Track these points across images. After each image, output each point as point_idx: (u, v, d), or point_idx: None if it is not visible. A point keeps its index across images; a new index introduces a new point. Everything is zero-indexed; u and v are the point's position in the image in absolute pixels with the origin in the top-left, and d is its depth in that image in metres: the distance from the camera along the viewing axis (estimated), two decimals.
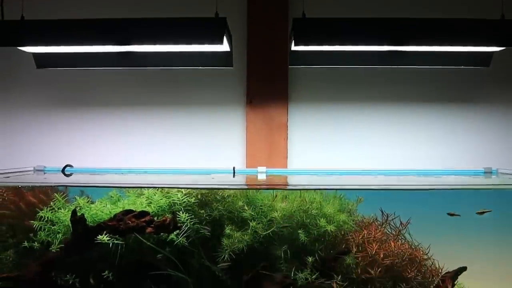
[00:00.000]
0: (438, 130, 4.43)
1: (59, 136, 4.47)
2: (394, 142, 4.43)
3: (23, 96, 4.49)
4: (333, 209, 3.15)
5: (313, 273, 3.00)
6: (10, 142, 4.47)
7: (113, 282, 2.99)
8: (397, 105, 4.42)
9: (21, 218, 3.25)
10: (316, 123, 4.38)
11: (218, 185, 3.39)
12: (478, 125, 4.45)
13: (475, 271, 3.37)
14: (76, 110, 4.46)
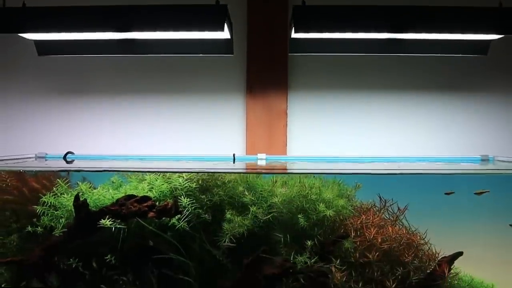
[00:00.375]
0: (436, 118, 4.46)
1: (60, 123, 4.49)
2: (392, 130, 4.46)
3: (25, 83, 4.50)
4: (332, 194, 3.20)
5: (312, 257, 3.06)
6: (12, 129, 4.49)
7: (116, 266, 3.04)
8: (395, 93, 4.45)
9: (24, 204, 3.29)
10: (315, 110, 4.41)
11: (219, 170, 3.42)
12: (476, 114, 4.48)
13: (471, 257, 3.43)
14: (77, 98, 4.48)
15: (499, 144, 4.48)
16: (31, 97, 4.48)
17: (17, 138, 4.50)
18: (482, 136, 4.49)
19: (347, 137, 4.43)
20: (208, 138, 4.42)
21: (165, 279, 3.08)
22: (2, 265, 3.22)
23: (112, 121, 4.48)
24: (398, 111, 4.45)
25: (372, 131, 4.44)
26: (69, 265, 3.07)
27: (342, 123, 4.44)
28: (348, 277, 3.02)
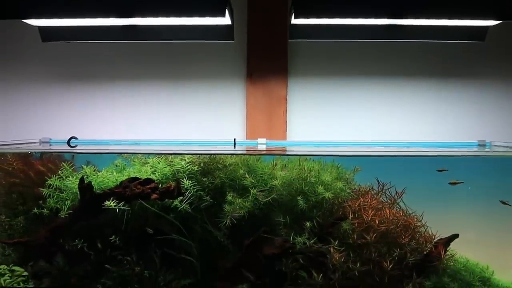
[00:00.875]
0: (434, 104, 4.50)
1: (64, 109, 4.54)
2: (391, 116, 4.50)
3: (29, 69, 4.54)
4: (331, 177, 3.26)
5: (311, 238, 3.13)
6: (16, 115, 4.54)
7: (120, 246, 3.12)
8: (394, 79, 4.48)
9: (30, 186, 3.36)
10: (315, 96, 4.45)
11: (221, 151, 3.48)
12: (474, 100, 4.51)
13: (467, 240, 3.50)
14: (80, 84, 4.52)
15: (497, 130, 4.52)
16: (35, 83, 4.52)
17: (21, 124, 4.54)
18: (480, 122, 4.53)
19: (346, 123, 4.47)
20: (209, 123, 4.47)
21: (168, 258, 3.16)
22: (10, 246, 3.30)
23: (113, 107, 4.52)
24: (396, 97, 4.48)
25: (371, 117, 4.48)
26: (74, 246, 3.15)
27: (341, 109, 4.48)
28: (346, 258, 3.08)
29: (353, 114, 4.49)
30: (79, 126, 4.52)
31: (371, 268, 3.11)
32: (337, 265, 3.06)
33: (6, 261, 3.24)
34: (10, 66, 4.55)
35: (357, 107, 4.49)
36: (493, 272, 3.54)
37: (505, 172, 3.68)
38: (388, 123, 4.50)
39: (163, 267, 3.14)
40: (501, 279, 3.56)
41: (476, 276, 3.46)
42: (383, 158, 3.73)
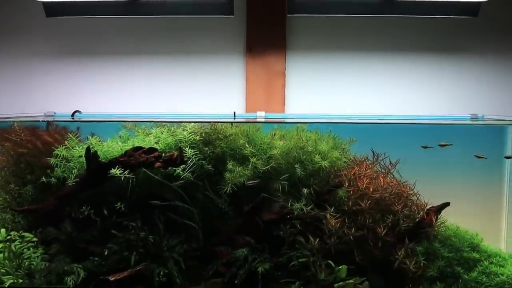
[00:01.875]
0: (428, 79, 4.58)
1: (67, 83, 4.62)
2: (387, 90, 4.58)
3: (34, 44, 4.61)
4: (327, 147, 3.36)
5: (308, 204, 3.25)
6: (21, 90, 4.62)
7: (125, 213, 3.24)
8: (390, 54, 4.56)
9: (38, 156, 3.46)
10: (313, 71, 4.53)
11: (221, 120, 3.56)
12: (467, 74, 4.60)
13: (458, 209, 3.61)
14: (83, 59, 4.59)
15: (489, 104, 4.62)
16: (40, 58, 4.59)
17: (26, 97, 4.62)
18: (473, 96, 4.62)
19: (343, 97, 4.56)
20: (209, 97, 4.55)
21: (171, 224, 3.29)
22: (19, 213, 3.41)
23: (116, 82, 4.60)
24: (392, 72, 4.56)
25: (366, 92, 4.57)
26: (81, 213, 3.26)
27: (338, 84, 4.56)
28: (341, 224, 3.21)
29: (350, 88, 4.57)
30: (82, 101, 4.60)
31: (365, 233, 3.24)
32: (333, 230, 3.20)
33: (16, 228, 3.36)
34: (15, 42, 4.61)
35: (354, 81, 4.57)
36: (482, 239, 3.67)
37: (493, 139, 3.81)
38: (383, 97, 4.59)
39: (166, 233, 3.26)
40: (489, 246, 3.69)
41: (466, 243, 3.58)
42: (378, 129, 3.84)
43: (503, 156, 3.95)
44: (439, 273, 3.43)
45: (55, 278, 3.03)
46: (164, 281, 3.16)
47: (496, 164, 3.98)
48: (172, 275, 3.16)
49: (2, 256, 3.09)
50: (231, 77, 4.51)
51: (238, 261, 3.12)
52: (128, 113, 4.37)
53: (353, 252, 3.26)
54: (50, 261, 3.15)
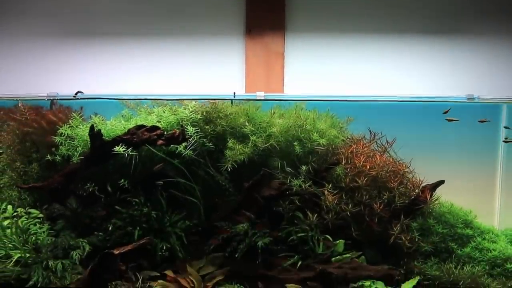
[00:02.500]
0: (426, 59, 4.61)
1: (68, 64, 4.64)
2: (385, 71, 4.62)
3: (33, 25, 4.62)
4: (326, 125, 3.43)
5: (307, 181, 3.33)
6: (22, 71, 4.65)
7: (129, 190, 3.32)
8: (389, 35, 4.57)
9: (43, 135, 3.52)
10: (311, 52, 4.57)
11: (223, 97, 3.62)
12: (463, 55, 4.64)
13: (452, 188, 3.70)
14: (83, 39, 4.59)
15: (485, 84, 4.65)
16: (40, 39, 4.61)
17: (29, 78, 4.65)
18: (469, 77, 4.66)
19: (341, 78, 4.59)
20: (209, 78, 4.58)
21: (173, 200, 3.37)
22: (25, 191, 3.49)
23: (116, 62, 4.61)
24: (390, 53, 4.59)
25: (365, 72, 4.61)
26: (86, 190, 3.34)
27: (337, 65, 4.59)
28: (339, 200, 3.30)
29: (348, 69, 4.60)
30: (84, 82, 4.63)
31: (362, 209, 3.33)
32: (330, 206, 3.28)
33: (22, 205, 3.43)
34: (16, 21, 4.63)
35: (352, 63, 4.60)
36: (475, 216, 3.76)
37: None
38: (381, 78, 4.61)
39: (169, 209, 3.35)
40: (482, 223, 3.78)
41: (460, 219, 3.68)
42: (375, 109, 3.91)
43: (500, 136, 4.03)
44: (433, 249, 3.53)
45: (61, 252, 3.11)
46: (167, 255, 3.26)
47: (490, 143, 4.05)
48: (174, 249, 3.25)
49: (10, 231, 3.17)
50: (231, 58, 4.55)
51: (239, 235, 3.22)
52: (128, 93, 4.41)
53: (350, 227, 3.35)
54: (56, 236, 3.24)
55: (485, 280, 3.42)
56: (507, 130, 3.93)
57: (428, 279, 3.41)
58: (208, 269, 3.22)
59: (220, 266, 3.24)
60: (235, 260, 3.20)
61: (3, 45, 4.64)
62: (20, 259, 3.06)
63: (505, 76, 4.56)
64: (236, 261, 3.20)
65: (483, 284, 3.39)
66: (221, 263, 3.25)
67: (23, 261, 3.06)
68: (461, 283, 3.37)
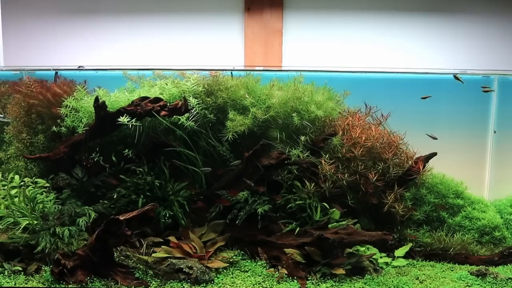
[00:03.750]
0: (422, 36, 4.64)
1: (71, 41, 4.66)
2: (381, 49, 4.67)
3: (37, 3, 4.64)
4: (323, 98, 3.50)
5: (305, 151, 3.41)
6: (27, 46, 4.67)
7: (133, 159, 3.39)
8: (386, 13, 4.60)
9: (48, 107, 3.58)
10: (309, 29, 4.61)
11: (223, 68, 3.68)
12: (456, 32, 4.67)
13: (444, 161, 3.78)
14: (86, 17, 4.61)
15: (479, 60, 4.70)
16: (44, 17, 4.63)
17: (32, 53, 4.67)
18: (463, 54, 4.69)
19: (339, 55, 4.64)
20: (209, 55, 4.62)
21: (176, 170, 3.45)
22: (32, 161, 3.55)
23: (118, 39, 4.62)
24: (387, 30, 4.62)
25: (362, 49, 4.65)
26: (91, 159, 3.41)
27: (335, 42, 4.64)
28: (335, 170, 3.38)
29: (346, 47, 4.64)
30: (86, 57, 4.65)
31: (357, 179, 3.41)
32: (327, 175, 3.36)
33: (29, 175, 3.50)
34: (23, 0, 4.64)
35: (350, 40, 4.64)
36: (466, 187, 3.86)
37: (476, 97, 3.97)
38: (378, 56, 4.65)
39: (172, 178, 3.42)
40: (473, 194, 3.88)
41: (451, 190, 3.78)
42: (370, 83, 3.98)
43: (490, 110, 4.11)
44: (425, 217, 3.65)
45: (68, 219, 3.18)
46: (170, 222, 3.34)
47: (481, 117, 4.13)
48: (177, 217, 3.33)
49: (17, 200, 3.24)
50: (230, 36, 4.58)
51: (239, 203, 3.30)
52: (130, 67, 4.42)
53: (346, 196, 3.45)
54: (62, 205, 3.30)
55: (474, 247, 3.55)
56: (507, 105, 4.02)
57: (420, 246, 3.53)
58: (210, 235, 3.31)
59: (221, 233, 3.33)
60: (235, 226, 3.30)
61: (10, 23, 4.65)
62: (28, 226, 3.13)
63: (496, 52, 4.62)
64: (236, 227, 3.30)
65: (472, 251, 3.50)
66: (222, 230, 3.34)
67: (31, 228, 3.13)
68: (451, 249, 3.49)
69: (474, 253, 3.50)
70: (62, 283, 2.88)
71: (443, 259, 3.48)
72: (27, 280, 2.97)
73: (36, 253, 3.05)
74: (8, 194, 3.25)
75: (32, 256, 3.09)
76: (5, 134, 3.70)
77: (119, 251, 3.14)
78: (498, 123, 4.08)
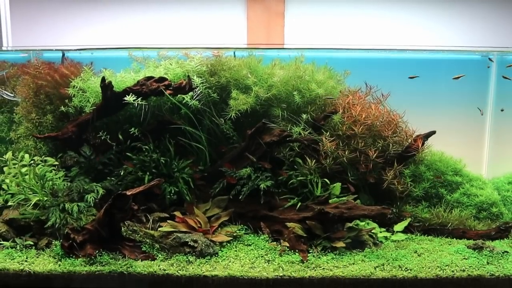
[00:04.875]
0: (421, 16, 4.65)
1: (74, 21, 4.69)
2: (384, 31, 4.69)
3: None
4: (324, 76, 3.54)
5: (306, 129, 3.45)
6: (32, 26, 4.70)
7: (139, 137, 3.45)
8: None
9: (56, 88, 3.64)
10: (311, 12, 4.64)
11: (227, 46, 3.71)
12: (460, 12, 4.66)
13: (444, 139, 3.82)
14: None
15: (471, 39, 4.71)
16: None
17: (37, 35, 4.70)
18: (463, 34, 4.70)
19: (341, 38, 4.66)
20: (212, 39, 4.66)
21: (180, 147, 3.50)
22: (41, 140, 3.62)
23: (122, 18, 4.66)
24: (389, 14, 4.64)
25: (364, 32, 4.67)
26: (98, 138, 3.47)
27: (337, 25, 4.66)
28: (336, 147, 3.43)
29: (348, 29, 4.67)
30: (92, 37, 4.69)
31: (357, 156, 3.46)
32: (328, 152, 3.41)
33: (38, 153, 3.56)
34: None
35: (352, 22, 4.66)
36: (465, 164, 3.90)
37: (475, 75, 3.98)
38: (380, 38, 4.68)
39: (177, 155, 3.48)
40: (471, 172, 3.93)
41: (450, 167, 3.83)
42: (371, 63, 4.01)
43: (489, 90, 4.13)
44: (424, 193, 3.69)
45: (77, 196, 3.25)
46: (175, 199, 3.41)
47: (480, 95, 4.16)
48: (182, 193, 3.39)
49: (28, 178, 3.31)
50: (233, 18, 4.61)
51: (242, 179, 3.35)
52: (135, 45, 4.45)
53: (347, 172, 3.49)
54: (71, 182, 3.37)
55: (472, 223, 3.59)
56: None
57: (419, 221, 3.58)
58: (214, 211, 3.37)
59: (225, 208, 3.40)
60: (239, 202, 3.36)
61: (19, 4, 4.67)
62: (39, 202, 3.19)
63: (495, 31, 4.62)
64: (240, 203, 3.36)
65: (470, 226, 3.55)
66: (225, 205, 3.40)
67: (41, 205, 3.19)
68: (449, 225, 3.54)
69: (471, 228, 3.54)
70: (71, 256, 2.94)
71: (441, 234, 3.52)
72: (38, 254, 3.03)
73: (47, 228, 3.12)
74: (19, 172, 3.32)
75: (42, 231, 3.15)
76: (15, 114, 3.77)
77: (126, 226, 3.20)
78: (496, 102, 4.11)
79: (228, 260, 2.99)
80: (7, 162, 3.44)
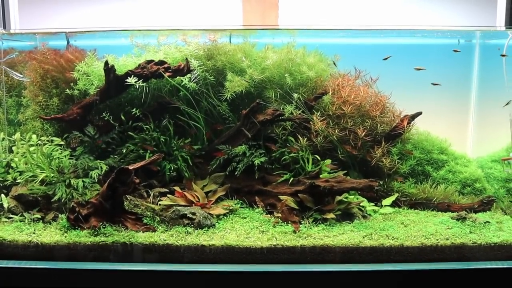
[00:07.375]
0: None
1: (76, 6, 4.75)
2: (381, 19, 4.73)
3: None
4: (314, 60, 3.62)
5: (298, 109, 3.53)
6: (34, 12, 4.75)
7: (140, 118, 3.54)
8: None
9: (62, 72, 3.73)
10: (306, 3, 4.69)
11: (224, 28, 3.85)
12: None
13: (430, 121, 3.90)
14: None
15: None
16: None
17: (41, 20, 4.75)
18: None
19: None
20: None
21: (179, 128, 3.59)
22: (47, 122, 3.71)
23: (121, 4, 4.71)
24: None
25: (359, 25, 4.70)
26: (102, 119, 3.56)
27: (331, 16, 4.68)
28: (326, 126, 3.51)
29: (340, 21, 4.71)
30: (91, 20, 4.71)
31: (347, 134, 3.54)
32: (319, 131, 3.49)
33: (45, 134, 3.66)
34: None
35: (347, 14, 4.69)
36: (450, 144, 3.97)
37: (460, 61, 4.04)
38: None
39: (176, 135, 3.56)
40: (456, 151, 4.00)
41: (435, 146, 3.91)
42: (360, 49, 4.08)
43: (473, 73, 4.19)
44: (411, 170, 3.78)
45: (82, 172, 3.34)
46: (174, 175, 3.49)
47: (464, 79, 4.23)
48: (181, 170, 3.48)
49: (36, 156, 3.40)
50: (228, 10, 4.66)
51: (238, 156, 3.44)
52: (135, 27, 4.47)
53: (337, 150, 3.58)
54: (76, 160, 3.46)
55: (456, 197, 3.67)
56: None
57: (406, 196, 3.66)
58: (211, 186, 3.45)
59: (221, 184, 3.47)
60: (235, 178, 3.44)
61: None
62: (45, 178, 3.28)
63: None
64: (235, 179, 3.45)
65: (454, 200, 3.63)
66: (222, 181, 3.48)
67: (48, 181, 3.28)
68: (435, 199, 3.62)
69: (456, 202, 3.61)
70: (77, 228, 3.03)
71: (427, 207, 3.57)
72: (45, 227, 3.11)
73: (53, 203, 3.20)
74: (27, 151, 3.42)
75: (49, 206, 3.23)
76: (23, 98, 3.87)
77: (128, 200, 3.28)
78: (479, 85, 4.18)
79: (225, 231, 3.06)
80: (16, 142, 3.55)
